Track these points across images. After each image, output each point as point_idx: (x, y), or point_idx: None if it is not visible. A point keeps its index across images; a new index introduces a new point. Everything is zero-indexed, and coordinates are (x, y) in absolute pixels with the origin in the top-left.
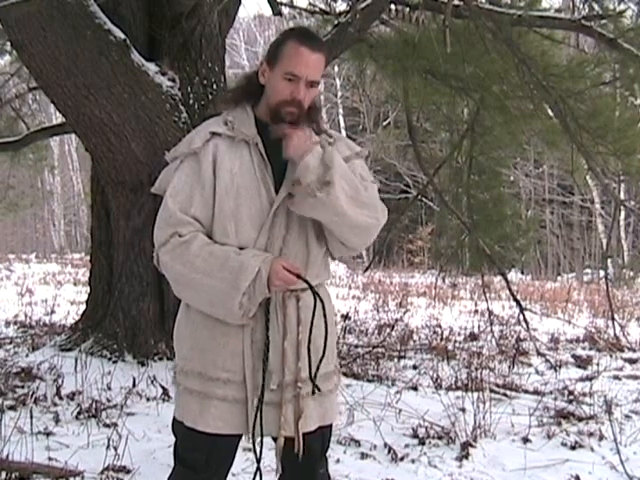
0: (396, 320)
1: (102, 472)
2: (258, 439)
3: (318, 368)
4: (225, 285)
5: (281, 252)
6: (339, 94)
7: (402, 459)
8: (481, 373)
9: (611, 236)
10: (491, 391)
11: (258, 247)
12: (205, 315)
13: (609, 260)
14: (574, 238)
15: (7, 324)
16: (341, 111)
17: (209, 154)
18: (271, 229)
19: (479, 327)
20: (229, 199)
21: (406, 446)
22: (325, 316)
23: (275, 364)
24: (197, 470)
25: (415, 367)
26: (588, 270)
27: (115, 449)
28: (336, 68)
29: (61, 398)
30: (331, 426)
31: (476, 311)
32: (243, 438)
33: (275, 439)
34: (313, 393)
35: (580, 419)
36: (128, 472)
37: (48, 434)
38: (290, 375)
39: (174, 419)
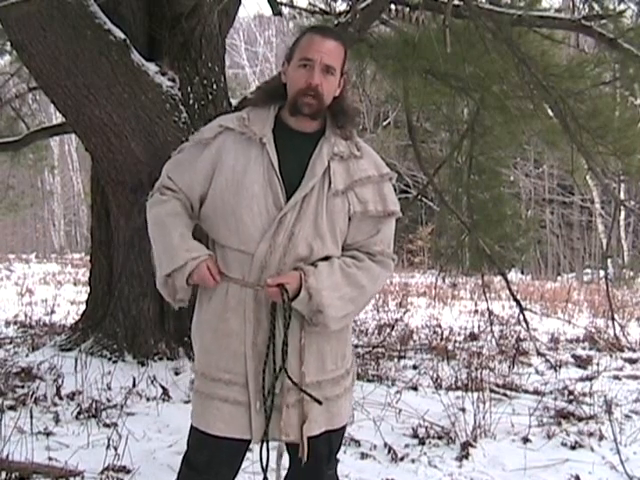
0: (396, 320)
1: (102, 472)
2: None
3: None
4: (161, 254)
5: (280, 262)
6: None
7: (402, 459)
8: (481, 373)
9: (611, 236)
10: (491, 391)
11: (259, 253)
12: (210, 317)
13: (609, 260)
14: (574, 238)
15: (7, 324)
16: None
17: (214, 147)
18: (274, 236)
19: (479, 327)
20: (229, 194)
21: (406, 446)
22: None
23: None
24: (199, 471)
25: (415, 367)
26: (588, 270)
27: (115, 449)
28: None
29: (61, 398)
30: (340, 430)
31: (476, 311)
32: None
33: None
34: (309, 399)
35: (580, 419)
36: (128, 472)
37: (48, 434)
38: (294, 379)
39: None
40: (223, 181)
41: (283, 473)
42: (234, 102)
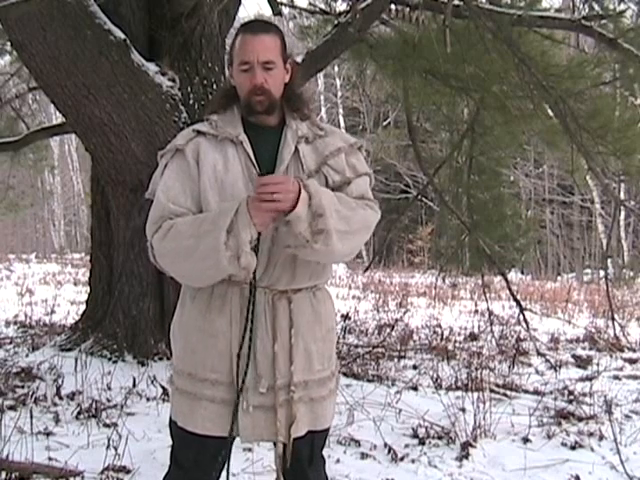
0: (396, 320)
1: (102, 472)
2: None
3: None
4: (209, 230)
5: (270, 252)
6: (339, 94)
7: (402, 459)
8: (481, 373)
9: (611, 236)
10: (491, 391)
11: None
12: (194, 317)
13: (609, 260)
14: (574, 238)
15: (7, 324)
16: (341, 111)
17: (192, 151)
18: None
19: (479, 327)
20: (214, 194)
21: (406, 446)
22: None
23: (264, 367)
24: (187, 469)
25: (415, 367)
26: (588, 270)
27: (115, 449)
28: (336, 68)
29: (61, 398)
30: (323, 432)
31: (476, 311)
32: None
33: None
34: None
35: (580, 419)
36: (128, 472)
37: (48, 434)
38: (281, 379)
39: (170, 418)
40: (206, 181)
41: None
42: None
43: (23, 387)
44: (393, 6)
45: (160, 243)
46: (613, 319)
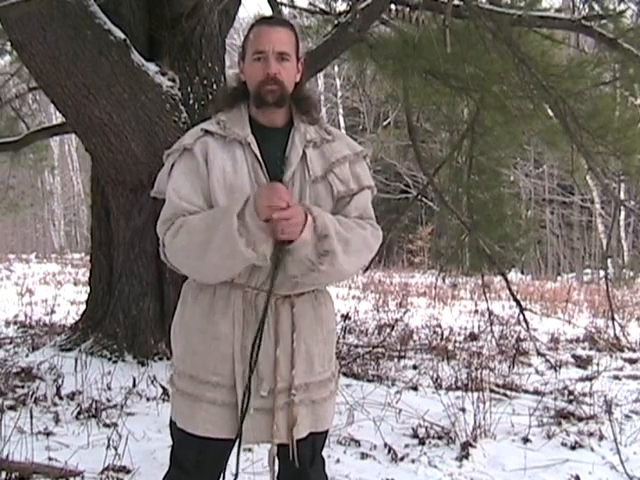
0: (396, 320)
1: (102, 472)
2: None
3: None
4: (221, 219)
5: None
6: (339, 94)
7: (402, 459)
8: (481, 373)
9: (611, 236)
10: (491, 391)
11: None
12: (197, 318)
13: (609, 260)
14: (574, 238)
15: (7, 324)
16: (341, 111)
17: (201, 150)
18: None
19: (479, 327)
20: (222, 195)
21: (406, 446)
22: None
23: (266, 371)
24: (188, 471)
25: (415, 367)
26: (588, 270)
27: (115, 449)
28: (336, 68)
29: (61, 398)
30: (324, 433)
31: (476, 311)
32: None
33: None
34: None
35: (580, 419)
36: (128, 472)
37: (48, 434)
38: (282, 382)
39: (170, 419)
40: (215, 182)
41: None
42: None
43: (23, 387)
44: (393, 6)
45: (172, 240)
46: (613, 319)
